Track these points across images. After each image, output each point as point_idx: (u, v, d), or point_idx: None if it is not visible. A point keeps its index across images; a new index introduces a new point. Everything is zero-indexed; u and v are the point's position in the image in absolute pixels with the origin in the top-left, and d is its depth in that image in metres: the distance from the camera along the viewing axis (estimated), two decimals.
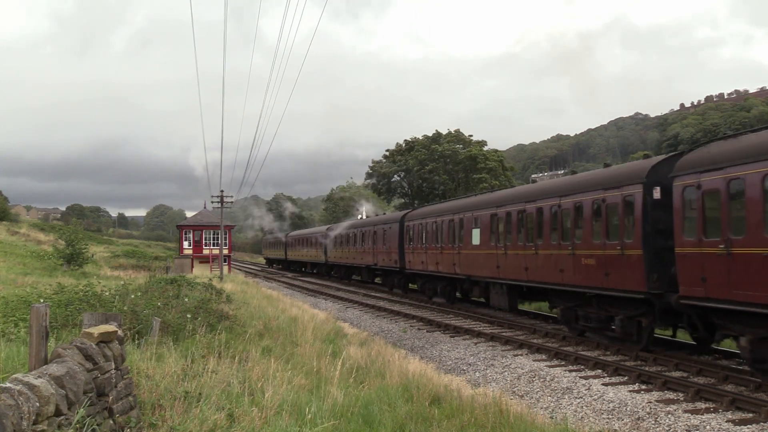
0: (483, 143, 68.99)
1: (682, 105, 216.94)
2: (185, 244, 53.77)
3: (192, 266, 49.06)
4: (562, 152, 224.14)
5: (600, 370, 13.76)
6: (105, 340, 6.10)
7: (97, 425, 5.25)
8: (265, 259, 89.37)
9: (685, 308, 12.81)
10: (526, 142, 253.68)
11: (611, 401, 11.40)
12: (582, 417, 10.97)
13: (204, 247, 53.51)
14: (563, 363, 14.81)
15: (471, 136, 68.94)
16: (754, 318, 11.08)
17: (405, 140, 71.80)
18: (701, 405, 10.83)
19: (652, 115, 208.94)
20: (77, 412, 4.94)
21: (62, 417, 4.74)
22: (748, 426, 9.64)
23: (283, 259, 70.39)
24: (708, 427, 9.69)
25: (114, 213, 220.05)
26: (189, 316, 12.50)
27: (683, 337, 15.76)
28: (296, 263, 65.46)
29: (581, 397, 11.96)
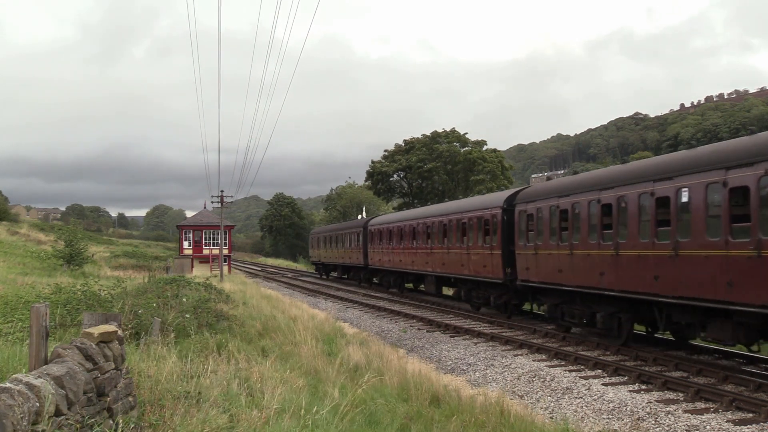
0: (483, 143, 69.13)
1: (682, 105, 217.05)
2: (185, 244, 53.78)
3: (192, 266, 49.06)
4: (562, 152, 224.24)
5: (600, 370, 13.76)
6: (105, 340, 6.09)
7: (97, 425, 5.24)
8: (313, 263, 58.17)
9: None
10: (526, 142, 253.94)
11: (611, 401, 11.39)
12: (582, 417, 10.97)
13: (204, 247, 53.52)
14: (563, 363, 14.80)
15: (466, 134, 69.12)
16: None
17: (404, 140, 71.97)
18: (701, 405, 10.83)
19: (652, 115, 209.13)
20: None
21: (62, 417, 4.74)
22: (748, 426, 9.63)
23: (361, 266, 40.81)
24: (708, 427, 9.69)
25: (114, 213, 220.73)
26: (188, 316, 12.49)
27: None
28: (391, 274, 36.13)
29: (581, 397, 11.95)
